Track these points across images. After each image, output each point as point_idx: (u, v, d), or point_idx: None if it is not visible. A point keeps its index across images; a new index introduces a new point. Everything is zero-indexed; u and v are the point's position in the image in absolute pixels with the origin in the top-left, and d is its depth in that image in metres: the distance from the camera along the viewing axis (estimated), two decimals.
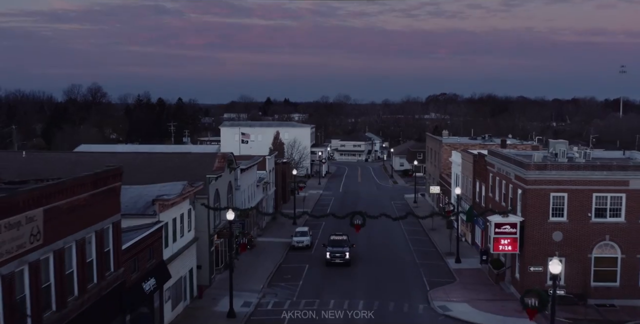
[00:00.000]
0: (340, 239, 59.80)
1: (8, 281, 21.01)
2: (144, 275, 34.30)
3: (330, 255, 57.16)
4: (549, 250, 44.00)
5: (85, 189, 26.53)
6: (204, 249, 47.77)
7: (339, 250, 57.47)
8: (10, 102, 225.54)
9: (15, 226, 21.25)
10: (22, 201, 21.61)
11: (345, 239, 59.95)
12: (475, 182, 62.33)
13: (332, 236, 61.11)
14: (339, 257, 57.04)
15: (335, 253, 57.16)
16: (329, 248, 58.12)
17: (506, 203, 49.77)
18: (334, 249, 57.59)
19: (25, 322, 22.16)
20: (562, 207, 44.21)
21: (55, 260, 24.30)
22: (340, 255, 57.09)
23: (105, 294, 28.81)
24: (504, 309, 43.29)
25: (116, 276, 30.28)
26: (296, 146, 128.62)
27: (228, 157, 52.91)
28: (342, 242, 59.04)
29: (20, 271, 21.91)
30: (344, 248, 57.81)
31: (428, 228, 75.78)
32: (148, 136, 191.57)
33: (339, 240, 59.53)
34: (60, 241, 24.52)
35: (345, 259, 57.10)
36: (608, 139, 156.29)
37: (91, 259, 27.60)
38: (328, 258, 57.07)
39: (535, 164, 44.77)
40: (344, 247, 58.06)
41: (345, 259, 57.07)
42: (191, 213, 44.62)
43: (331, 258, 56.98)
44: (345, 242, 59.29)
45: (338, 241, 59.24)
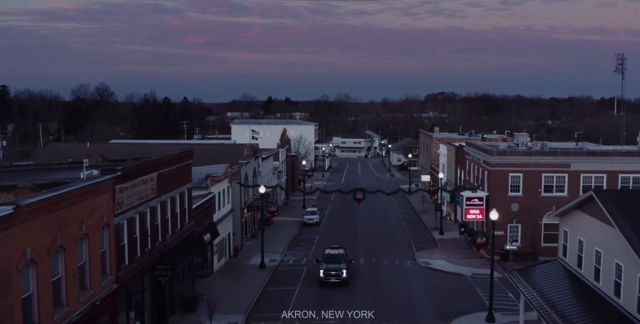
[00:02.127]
0: (336, 253, 50.98)
1: (141, 217, 33.50)
2: (203, 230, 46.84)
3: (324, 273, 48.01)
4: (508, 218, 56.58)
5: (175, 163, 39.05)
6: (237, 219, 60.32)
7: (334, 268, 48.32)
8: (20, 102, 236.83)
9: (145, 182, 33.75)
10: (148, 167, 34.13)
11: (342, 254, 50.96)
12: (457, 169, 74.96)
13: (326, 250, 52.28)
14: (334, 276, 47.91)
15: (330, 270, 48.07)
16: (322, 264, 48.92)
17: (477, 183, 62.40)
18: (329, 265, 48.62)
19: (147, 244, 34.63)
20: (518, 185, 56.75)
21: (161, 208, 36.83)
22: (336, 273, 47.92)
23: (184, 238, 41.34)
24: (471, 264, 55.80)
25: (189, 227, 42.84)
26: (302, 142, 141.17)
27: (254, 147, 65.55)
28: (338, 257, 50.08)
29: (144, 212, 34.37)
30: (340, 265, 48.66)
31: (419, 211, 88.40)
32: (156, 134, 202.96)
33: (335, 255, 50.60)
34: (164, 196, 37.04)
35: (341, 278, 47.85)
36: (600, 136, 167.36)
37: (177, 212, 40.13)
38: (321, 277, 48.03)
39: (497, 151, 57.40)
40: (340, 263, 48.92)
41: (341, 278, 47.85)
42: (229, 189, 57.19)
43: (325, 276, 47.92)
44: (342, 257, 50.20)
45: (333, 257, 50.18)
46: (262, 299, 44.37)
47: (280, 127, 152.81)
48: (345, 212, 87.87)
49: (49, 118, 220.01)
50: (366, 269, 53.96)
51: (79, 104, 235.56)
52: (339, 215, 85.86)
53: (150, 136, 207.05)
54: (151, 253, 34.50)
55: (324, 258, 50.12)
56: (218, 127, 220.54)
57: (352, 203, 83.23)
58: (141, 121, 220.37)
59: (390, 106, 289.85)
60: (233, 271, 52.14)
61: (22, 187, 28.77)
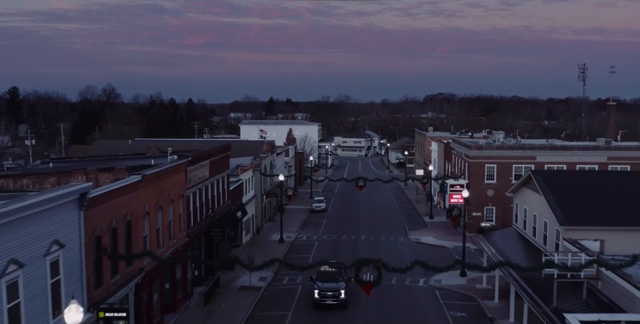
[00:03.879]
0: (332, 271, 44.48)
1: (200, 192, 45.04)
2: (236, 209, 58.41)
3: (319, 294, 42.31)
4: (484, 201, 68.16)
5: (219, 154, 50.64)
6: (258, 204, 71.86)
7: (331, 287, 42.59)
8: (29, 103, 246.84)
9: (202, 166, 45.31)
10: (204, 155, 45.70)
11: (340, 271, 44.46)
12: (445, 162, 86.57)
13: (322, 267, 44.57)
14: (331, 297, 42.21)
15: (325, 291, 42.35)
16: (317, 283, 43.16)
17: (460, 173, 74.00)
18: (324, 285, 42.88)
19: (204, 213, 46.16)
20: (493, 174, 68.29)
21: (211, 187, 48.42)
22: (333, 294, 42.26)
23: (225, 212, 52.90)
24: (454, 239, 67.24)
25: (227, 204, 54.44)
26: (307, 141, 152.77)
27: (272, 144, 77.09)
28: (335, 275, 43.89)
29: (202, 188, 45.89)
30: (338, 284, 42.86)
31: (413, 201, 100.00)
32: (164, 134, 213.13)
33: (332, 272, 44.22)
34: (212, 178, 48.63)
35: (339, 299, 42.17)
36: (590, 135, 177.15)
37: (220, 191, 51.70)
38: (316, 298, 42.37)
39: (475, 146, 69.01)
40: (338, 282, 43.07)
41: (339, 300, 42.15)
42: (253, 178, 68.75)
43: (320, 297, 42.24)
44: (340, 275, 43.90)
45: (330, 275, 43.96)
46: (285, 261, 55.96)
47: (286, 127, 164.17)
48: (348, 202, 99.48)
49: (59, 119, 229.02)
50: (366, 244, 65.56)
51: (90, 105, 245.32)
52: (343, 204, 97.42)
53: (159, 137, 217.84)
54: (207, 219, 46.08)
55: (319, 276, 43.78)
56: (222, 128, 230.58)
57: (353, 194, 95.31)
58: (149, 122, 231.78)
59: (390, 106, 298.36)
60: (258, 244, 63.67)
61: (119, 168, 40.12)
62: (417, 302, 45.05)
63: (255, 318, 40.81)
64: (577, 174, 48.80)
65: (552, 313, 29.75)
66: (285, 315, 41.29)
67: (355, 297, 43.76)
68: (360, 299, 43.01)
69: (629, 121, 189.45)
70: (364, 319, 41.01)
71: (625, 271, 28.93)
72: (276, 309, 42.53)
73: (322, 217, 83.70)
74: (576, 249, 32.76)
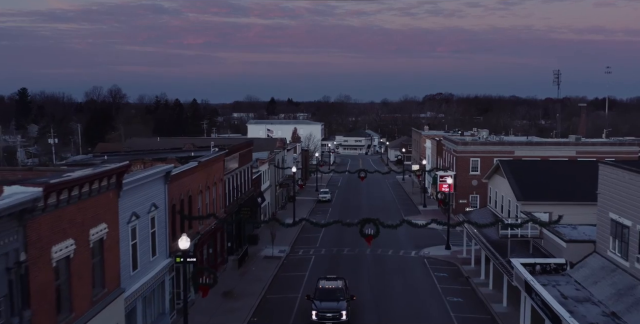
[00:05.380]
0: (333, 287, 40.49)
1: (231, 179, 55.47)
2: (257, 195, 68.84)
3: (317, 315, 38.47)
4: (469, 190, 78.55)
5: (245, 148, 61.07)
6: (272, 193, 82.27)
7: (331, 307, 38.62)
8: (38, 103, 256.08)
9: (234, 158, 55.74)
10: (235, 149, 56.17)
11: (341, 288, 40.52)
12: (437, 157, 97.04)
13: (320, 281, 41.58)
14: (330, 318, 38.29)
15: (324, 311, 38.46)
16: (315, 303, 39.22)
17: (448, 165, 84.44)
18: (323, 305, 38.88)
19: (234, 195, 56.54)
20: (477, 166, 78.67)
21: (238, 176, 58.87)
22: (333, 315, 38.33)
23: (249, 197, 63.35)
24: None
25: (251, 191, 64.90)
26: (311, 139, 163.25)
27: (284, 141, 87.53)
28: (336, 292, 39.87)
29: (232, 177, 56.30)
30: (338, 303, 38.92)
31: (410, 193, 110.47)
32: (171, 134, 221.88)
33: (332, 290, 40.16)
34: (240, 168, 59.08)
35: (340, 321, 38.33)
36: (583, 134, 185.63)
37: (244, 180, 62.11)
38: (314, 320, 38.53)
39: (462, 142, 79.45)
40: (338, 301, 39.16)
41: (340, 322, 38.34)
42: (268, 171, 79.15)
43: (319, 319, 38.38)
44: (342, 292, 40.00)
45: (330, 292, 39.89)
46: (299, 238, 66.74)
47: (291, 127, 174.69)
48: (350, 194, 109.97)
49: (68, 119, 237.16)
50: None
51: (98, 106, 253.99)
52: (346, 196, 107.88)
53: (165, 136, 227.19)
54: (237, 201, 56.53)
55: (317, 294, 39.58)
56: (227, 127, 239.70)
57: (355, 188, 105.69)
58: (156, 122, 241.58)
59: (390, 106, 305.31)
60: (275, 226, 74.09)
61: (170, 158, 50.59)
62: (409, 267, 55.59)
63: (279, 277, 51.27)
64: (535, 163, 59.16)
65: (506, 263, 40.20)
66: (302, 275, 51.77)
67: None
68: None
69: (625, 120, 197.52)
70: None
71: (559, 230, 39.43)
72: (295, 271, 53.06)
73: (327, 206, 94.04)
74: (526, 217, 43.25)
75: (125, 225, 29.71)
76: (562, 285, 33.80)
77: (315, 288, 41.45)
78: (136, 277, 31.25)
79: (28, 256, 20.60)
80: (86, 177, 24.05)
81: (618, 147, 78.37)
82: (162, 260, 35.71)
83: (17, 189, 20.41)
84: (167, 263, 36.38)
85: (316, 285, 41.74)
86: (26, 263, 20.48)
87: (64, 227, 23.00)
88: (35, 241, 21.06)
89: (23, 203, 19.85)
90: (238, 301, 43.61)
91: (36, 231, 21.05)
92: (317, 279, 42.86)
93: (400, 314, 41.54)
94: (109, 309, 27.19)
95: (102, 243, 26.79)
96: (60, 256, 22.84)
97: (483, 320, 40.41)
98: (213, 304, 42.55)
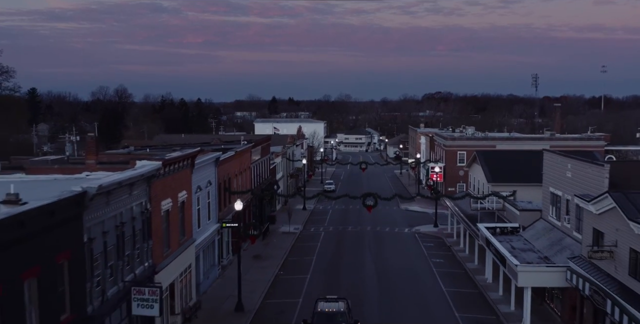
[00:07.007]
0: (333, 311, 34.47)
1: (255, 168, 67.07)
2: (273, 182, 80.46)
3: None
4: (457, 180, 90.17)
5: (264, 142, 72.67)
6: (285, 182, 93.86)
7: None
8: (46, 102, 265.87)
9: (257, 150, 67.36)
10: (258, 143, 67.79)
11: (343, 311, 34.54)
12: (430, 152, 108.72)
13: (319, 303, 35.51)
14: None
15: None
16: None
17: (439, 158, 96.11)
18: None
19: (258, 180, 68.20)
20: (463, 158, 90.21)
21: (260, 165, 70.49)
22: None
23: (268, 184, 74.95)
24: (433, 208, 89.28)
25: (269, 179, 76.54)
26: (315, 137, 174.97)
27: (294, 137, 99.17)
28: (336, 317, 34.13)
29: (256, 166, 67.86)
30: None
31: (406, 185, 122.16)
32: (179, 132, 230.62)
33: (332, 314, 34.31)
34: (261, 159, 70.67)
35: None
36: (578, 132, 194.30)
37: (264, 169, 73.71)
38: None
39: (450, 137, 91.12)
40: None
41: None
42: (281, 163, 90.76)
43: None
44: (344, 316, 34.24)
45: (329, 317, 34.16)
46: (309, 220, 78.46)
47: (295, 125, 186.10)
48: (352, 185, 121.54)
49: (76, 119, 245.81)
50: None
51: (106, 105, 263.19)
52: (348, 187, 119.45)
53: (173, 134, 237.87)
54: (260, 185, 68.25)
55: (316, 319, 34.04)
56: (232, 126, 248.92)
57: (357, 180, 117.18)
58: (164, 121, 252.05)
59: (389, 105, 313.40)
60: (291, 208, 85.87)
61: (205, 150, 62.37)
62: (403, 239, 67.38)
63: (296, 246, 62.91)
64: (504, 153, 70.42)
65: (475, 228, 51.86)
66: (315, 245, 63.49)
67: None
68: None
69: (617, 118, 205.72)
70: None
71: (516, 203, 51.10)
72: (309, 242, 64.75)
73: (333, 195, 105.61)
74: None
75: (194, 194, 41.34)
76: (514, 241, 45.46)
77: (313, 311, 34.66)
78: (200, 233, 42.93)
79: (151, 206, 32.22)
80: (180, 157, 35.72)
81: (587, 141, 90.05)
82: (213, 224, 47.37)
83: (145, 162, 31.98)
84: (217, 227, 48.04)
85: (314, 308, 34.93)
86: (150, 210, 32.09)
87: (166, 190, 34.62)
88: (154, 196, 32.65)
89: (151, 171, 31.46)
90: (265, 261, 55.32)
91: (155, 190, 32.64)
92: (315, 301, 35.79)
93: (394, 269, 53.20)
94: (187, 252, 38.83)
95: (184, 204, 38.42)
96: (165, 208, 34.47)
97: (458, 274, 52.00)
98: (246, 264, 54.11)
